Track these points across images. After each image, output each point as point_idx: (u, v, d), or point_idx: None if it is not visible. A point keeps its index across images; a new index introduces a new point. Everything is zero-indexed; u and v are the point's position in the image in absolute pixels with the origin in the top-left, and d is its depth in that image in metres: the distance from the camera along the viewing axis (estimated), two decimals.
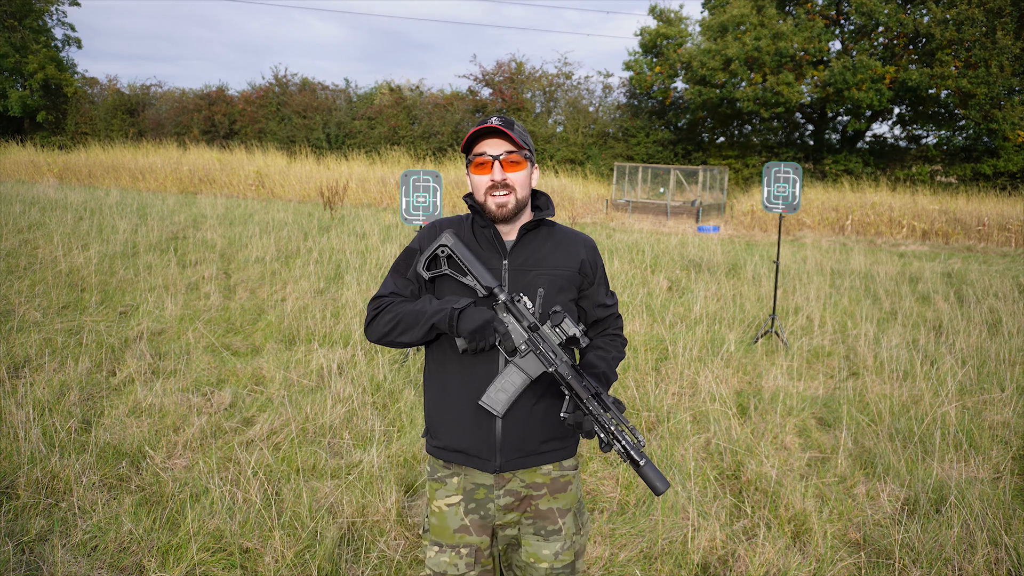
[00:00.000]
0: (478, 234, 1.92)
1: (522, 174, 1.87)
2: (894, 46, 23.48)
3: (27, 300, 6.61)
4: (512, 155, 1.84)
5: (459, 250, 1.81)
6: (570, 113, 28.51)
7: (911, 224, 16.13)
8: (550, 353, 1.74)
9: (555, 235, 1.97)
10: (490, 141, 1.85)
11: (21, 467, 3.50)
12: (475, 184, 1.88)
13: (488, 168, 1.84)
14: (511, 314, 1.77)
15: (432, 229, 1.93)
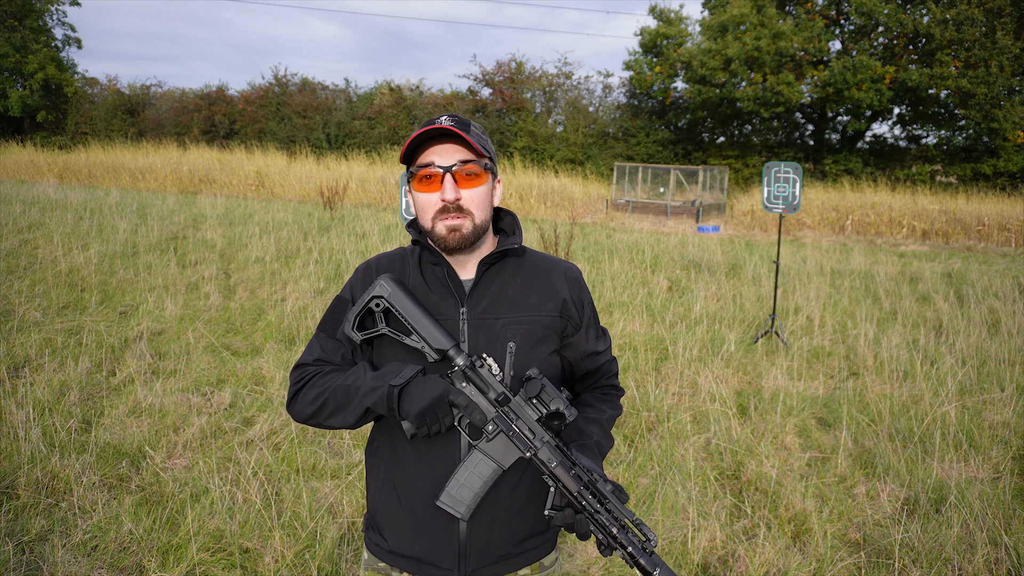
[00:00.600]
0: (426, 273, 1.52)
1: (481, 191, 1.45)
2: (894, 46, 23.48)
3: (27, 300, 6.61)
4: (468, 165, 1.42)
5: (399, 301, 1.43)
6: (570, 113, 28.51)
7: (911, 224, 16.13)
8: (526, 433, 1.37)
9: (526, 267, 1.55)
10: (439, 147, 1.43)
11: (21, 467, 3.50)
12: (420, 205, 1.46)
13: (436, 184, 1.42)
14: (472, 383, 1.38)
15: (367, 272, 1.55)
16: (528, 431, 1.38)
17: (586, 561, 3.06)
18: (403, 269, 1.56)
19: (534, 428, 1.38)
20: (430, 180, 1.44)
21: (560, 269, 1.59)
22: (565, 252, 9.23)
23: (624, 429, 4.44)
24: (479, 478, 1.39)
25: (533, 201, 18.63)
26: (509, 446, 1.39)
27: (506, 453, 1.39)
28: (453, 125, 1.42)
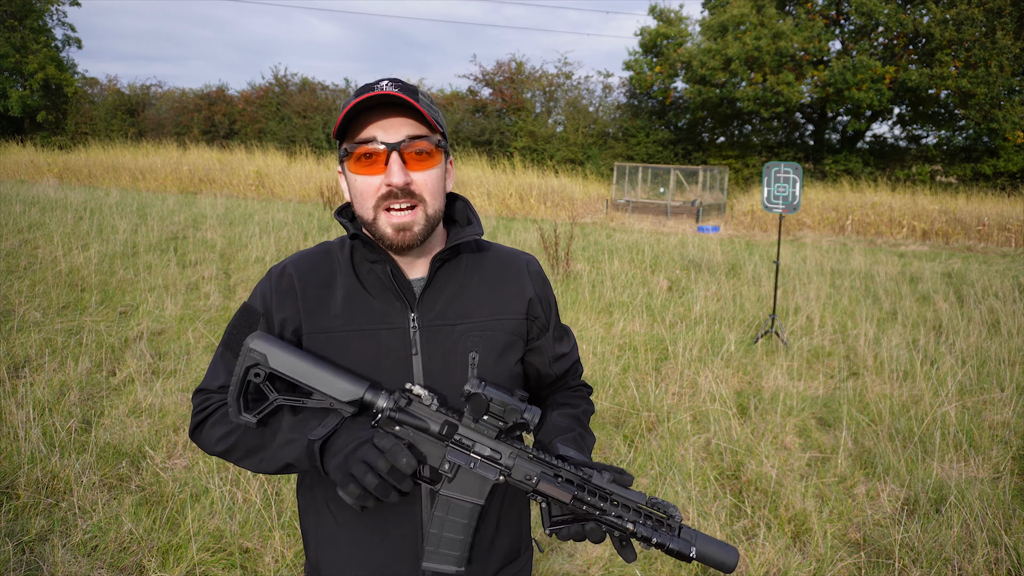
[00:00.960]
0: (363, 273, 1.28)
1: (434, 173, 1.22)
2: (894, 46, 23.49)
3: (27, 300, 6.61)
4: (419, 142, 1.19)
5: (281, 362, 1.16)
6: (570, 113, 28.51)
7: (911, 224, 16.13)
8: (489, 456, 1.17)
9: (484, 262, 1.35)
10: (382, 121, 1.18)
11: (21, 467, 3.50)
12: (357, 190, 1.21)
13: (380, 164, 1.18)
14: (408, 425, 1.14)
15: (281, 279, 1.28)
16: (491, 453, 1.16)
17: (586, 561, 3.06)
18: (330, 271, 1.29)
19: (497, 448, 1.16)
20: (371, 160, 1.18)
21: (522, 263, 1.39)
22: (565, 252, 9.23)
23: (624, 429, 4.44)
24: (460, 523, 1.17)
25: (533, 201, 18.63)
26: (477, 478, 1.17)
27: (477, 486, 1.17)
28: (399, 91, 1.16)
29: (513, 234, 12.72)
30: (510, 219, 16.64)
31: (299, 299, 1.26)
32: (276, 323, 1.26)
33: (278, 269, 1.31)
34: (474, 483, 1.17)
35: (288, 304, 1.27)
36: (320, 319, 1.26)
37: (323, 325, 1.26)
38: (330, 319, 1.26)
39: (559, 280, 8.66)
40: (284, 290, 1.28)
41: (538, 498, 1.17)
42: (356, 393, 1.15)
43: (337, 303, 1.27)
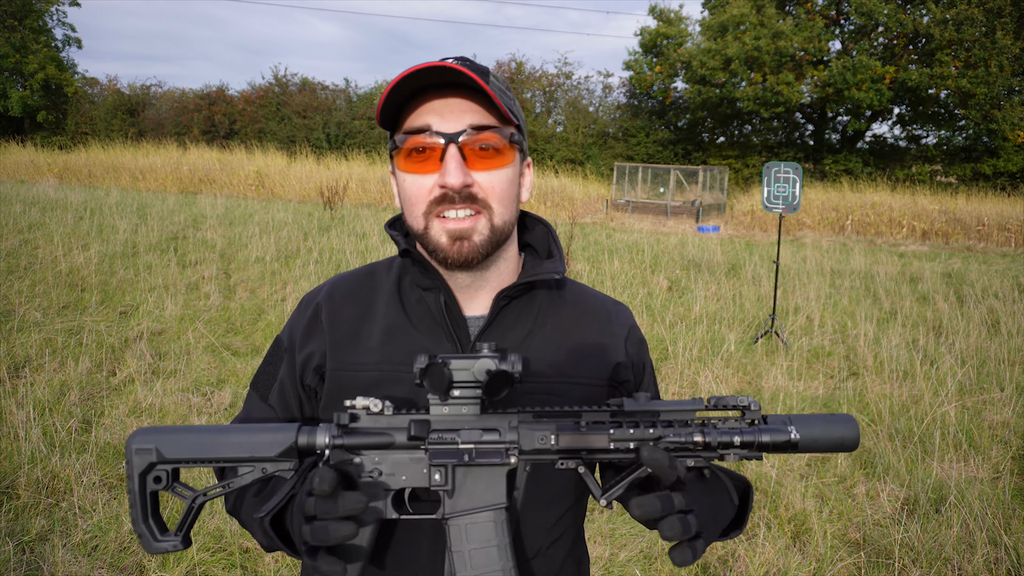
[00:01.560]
0: (409, 302, 1.07)
1: (504, 175, 0.99)
2: (894, 46, 23.50)
3: (27, 300, 6.61)
4: (487, 134, 0.96)
5: (184, 444, 0.93)
6: (570, 113, 28.52)
7: (911, 224, 16.13)
8: (482, 440, 0.89)
9: (563, 308, 1.10)
10: (440, 103, 0.96)
11: (21, 467, 3.50)
12: (407, 193, 1.00)
13: (434, 160, 0.96)
14: (365, 448, 0.90)
15: (315, 314, 1.10)
16: (484, 434, 0.89)
17: None
18: (369, 298, 1.09)
19: (489, 423, 0.89)
20: (423, 155, 0.97)
21: (611, 312, 1.13)
22: (565, 252, 9.23)
23: None
24: (491, 547, 0.90)
25: (533, 201, 18.63)
26: (481, 475, 0.90)
27: (489, 481, 0.90)
28: (463, 66, 0.93)
29: None
30: None
31: (326, 331, 1.07)
32: (300, 359, 1.08)
33: (309, 296, 1.14)
34: (482, 482, 0.90)
35: (314, 337, 1.08)
36: (349, 354, 1.05)
37: (351, 361, 1.04)
38: (361, 355, 1.04)
39: None
40: (311, 320, 1.09)
41: (572, 463, 0.89)
42: (285, 441, 0.90)
43: (374, 337, 1.05)
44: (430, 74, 0.94)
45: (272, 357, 1.13)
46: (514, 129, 1.01)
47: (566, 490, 1.08)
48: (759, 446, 0.88)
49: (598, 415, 0.89)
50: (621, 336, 1.11)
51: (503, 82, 1.03)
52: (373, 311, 1.08)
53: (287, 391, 1.10)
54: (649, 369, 1.16)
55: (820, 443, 0.89)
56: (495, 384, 0.87)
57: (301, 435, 0.90)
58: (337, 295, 1.11)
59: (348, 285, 1.13)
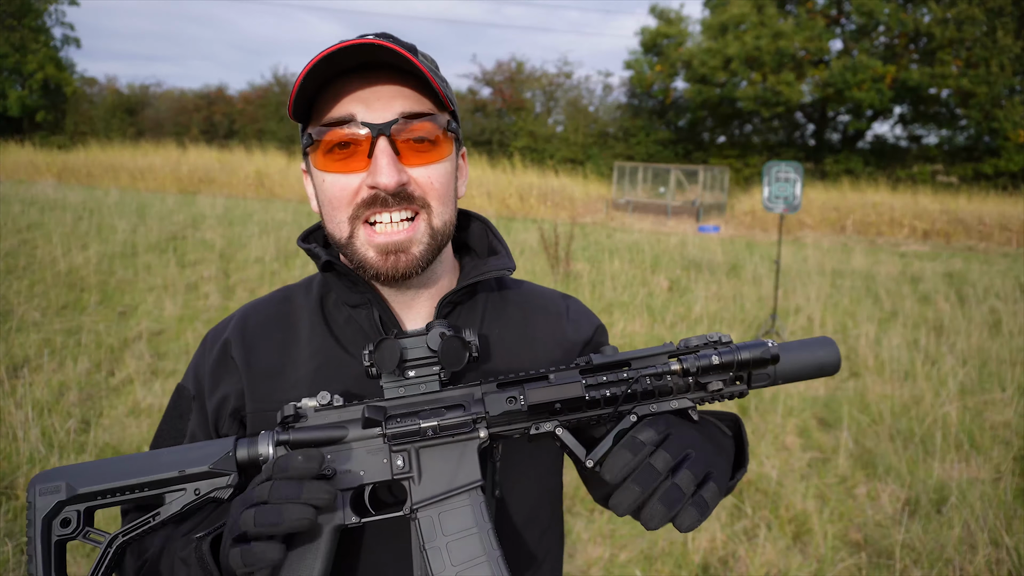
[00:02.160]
0: (337, 323, 0.95)
1: (441, 169, 0.88)
2: (895, 46, 23.50)
3: (26, 300, 6.60)
4: (421, 123, 0.85)
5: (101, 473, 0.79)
6: (570, 113, 28.52)
7: (912, 224, 16.12)
8: (442, 415, 0.80)
9: (508, 308, 1.01)
10: (363, 91, 0.84)
11: (20, 467, 3.50)
12: (327, 197, 0.88)
13: (361, 156, 0.84)
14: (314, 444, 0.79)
15: (224, 350, 0.95)
16: (448, 410, 0.80)
17: (586, 561, 3.05)
18: (289, 325, 0.95)
19: (452, 398, 0.82)
20: (347, 151, 0.83)
21: (560, 305, 1.04)
22: (565, 252, 9.22)
23: None
24: (470, 535, 0.78)
25: (533, 201, 18.62)
26: (447, 455, 0.80)
27: (459, 459, 0.80)
28: (391, 43, 0.80)
29: (513, 234, 12.71)
30: (510, 219, 16.63)
31: (240, 368, 0.92)
32: (212, 405, 0.92)
33: (214, 332, 0.98)
34: (451, 462, 0.80)
35: (225, 377, 0.92)
36: (271, 392, 0.90)
37: (275, 399, 0.89)
38: (288, 389, 0.90)
39: (559, 280, 8.65)
40: (219, 358, 0.93)
41: (548, 426, 0.80)
42: (221, 451, 0.78)
43: (301, 368, 0.91)
44: (349, 55, 0.80)
45: (176, 410, 0.95)
46: (449, 116, 0.90)
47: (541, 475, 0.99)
48: (740, 364, 0.82)
49: (566, 372, 0.82)
50: (575, 329, 1.03)
51: (432, 60, 0.90)
52: (296, 339, 0.94)
53: None
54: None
55: (802, 364, 0.85)
56: (451, 352, 0.79)
57: (240, 445, 0.79)
58: (250, 327, 0.96)
59: (262, 314, 0.98)
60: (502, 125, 27.95)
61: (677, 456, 0.75)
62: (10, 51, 30.29)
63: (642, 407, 0.81)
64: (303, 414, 0.81)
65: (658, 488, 0.73)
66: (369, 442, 0.80)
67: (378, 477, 0.80)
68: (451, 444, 0.80)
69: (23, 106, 31.13)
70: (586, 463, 0.78)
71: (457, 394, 0.82)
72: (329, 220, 0.90)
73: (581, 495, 3.54)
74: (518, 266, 8.83)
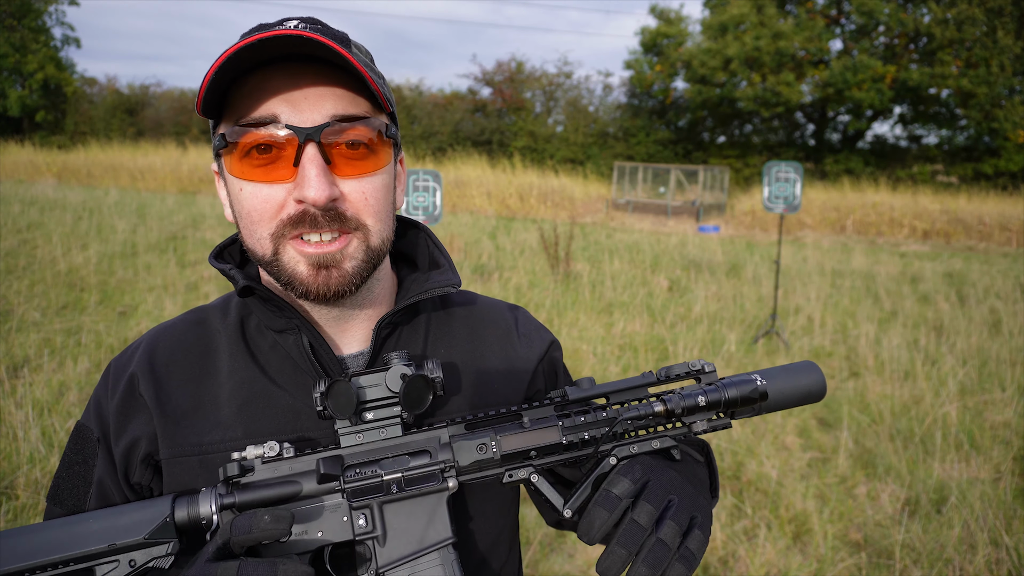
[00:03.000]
0: (263, 352, 0.86)
1: (377, 181, 0.79)
2: (895, 46, 23.50)
3: (26, 300, 6.60)
4: (356, 127, 0.76)
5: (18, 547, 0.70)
6: (570, 113, 28.52)
7: (912, 224, 16.12)
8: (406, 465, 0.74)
9: (453, 326, 0.94)
10: (289, 83, 0.74)
11: (20, 467, 3.49)
12: (245, 209, 0.78)
13: (286, 164, 0.75)
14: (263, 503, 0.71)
15: (129, 386, 0.84)
16: (413, 459, 0.74)
17: (586, 561, 3.05)
18: (204, 354, 0.85)
19: (416, 444, 0.75)
20: (269, 156, 0.74)
21: (510, 320, 0.97)
22: (565, 252, 9.22)
23: None
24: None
25: (533, 201, 18.62)
26: (414, 510, 0.74)
27: (428, 515, 0.74)
28: (318, 33, 0.71)
29: (513, 234, 12.71)
30: (510, 219, 16.63)
31: (150, 407, 0.82)
32: (120, 450, 0.81)
33: (117, 363, 0.86)
34: (418, 518, 0.74)
35: (133, 417, 0.82)
36: (190, 433, 0.81)
37: (194, 441, 0.80)
38: (209, 430, 0.81)
39: (559, 280, 8.65)
40: (125, 396, 0.82)
41: (523, 473, 0.76)
42: (157, 517, 0.70)
43: (222, 404, 0.82)
44: (272, 46, 0.70)
45: (77, 454, 0.83)
46: (386, 118, 0.80)
47: (501, 509, 0.92)
48: (727, 403, 0.79)
49: (540, 410, 0.77)
50: (527, 345, 0.95)
51: (367, 54, 0.80)
52: (214, 371, 0.84)
53: (110, 494, 0.81)
54: (562, 369, 1.01)
55: (786, 394, 0.81)
56: (414, 393, 0.72)
57: (179, 507, 0.71)
58: (159, 358, 0.84)
59: (172, 342, 0.86)
60: (502, 125, 27.95)
61: (660, 506, 0.70)
62: (10, 51, 30.29)
63: (622, 448, 0.77)
64: (248, 467, 0.72)
65: (643, 547, 0.68)
66: (326, 498, 0.72)
67: (338, 537, 0.72)
68: (417, 497, 0.74)
69: (23, 106, 31.14)
70: (564, 513, 0.74)
71: (421, 438, 0.75)
72: (248, 234, 0.78)
73: None
74: (518, 266, 8.72)
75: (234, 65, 0.72)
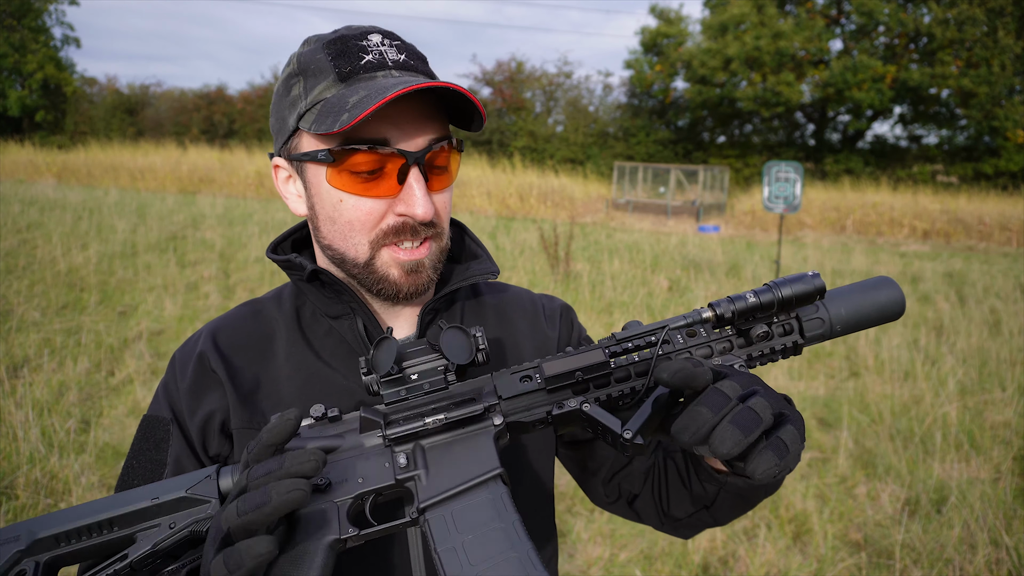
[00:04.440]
0: (318, 337, 0.92)
1: (450, 192, 0.90)
2: (895, 45, 23.51)
3: (26, 300, 6.60)
4: (445, 148, 0.85)
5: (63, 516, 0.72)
6: (570, 113, 28.52)
7: (912, 224, 16.12)
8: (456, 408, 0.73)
9: (485, 312, 1.01)
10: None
11: (20, 467, 3.49)
12: (346, 218, 0.84)
13: (391, 182, 0.82)
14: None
15: (200, 365, 0.90)
16: (455, 404, 0.73)
17: (586, 561, 3.05)
18: (264, 340, 0.91)
19: (460, 393, 0.75)
20: (376, 176, 0.80)
21: (538, 305, 1.05)
22: (565, 252, 9.22)
23: None
24: (491, 526, 0.68)
25: (533, 201, 18.62)
26: (457, 449, 0.72)
27: (475, 450, 0.72)
28: (407, 55, 0.85)
29: (513, 234, 12.71)
30: (510, 219, 16.63)
31: (224, 381, 0.88)
32: (196, 424, 0.86)
33: (183, 351, 0.92)
34: (463, 456, 0.71)
35: (208, 392, 0.88)
36: (256, 408, 0.87)
37: (259, 419, 0.87)
38: (271, 408, 0.87)
39: (559, 280, 8.65)
40: (197, 374, 0.88)
41: (573, 403, 0.72)
42: (202, 474, 0.71)
43: (281, 386, 0.88)
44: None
45: (146, 441, 0.86)
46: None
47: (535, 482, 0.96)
48: (782, 304, 0.70)
49: (587, 348, 0.76)
50: (555, 326, 1.03)
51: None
52: (273, 355, 0.90)
53: (188, 471, 0.84)
54: (578, 324, 1.08)
55: (859, 306, 0.72)
56: (455, 344, 0.73)
57: (223, 472, 0.71)
58: (222, 343, 0.91)
59: (231, 330, 0.92)
60: (502, 125, 27.95)
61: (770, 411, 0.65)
62: (10, 51, 30.29)
63: None
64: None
65: (763, 436, 0.64)
66: (367, 447, 0.73)
67: (379, 482, 0.71)
68: (461, 438, 0.72)
69: (23, 106, 31.14)
70: (623, 435, 0.68)
71: (467, 388, 0.75)
72: (343, 239, 0.85)
73: (581, 495, 3.54)
74: (518, 266, 8.71)
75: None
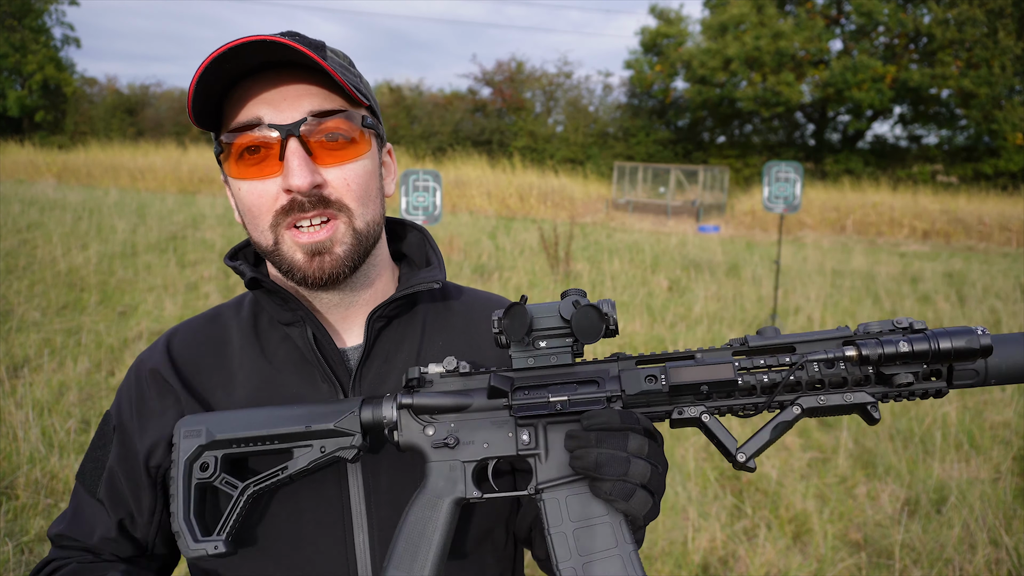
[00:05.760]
0: (272, 345, 0.92)
1: (357, 167, 0.84)
2: (895, 46, 23.51)
3: (26, 300, 6.61)
4: (331, 120, 0.82)
5: (237, 422, 0.83)
6: (570, 113, 28.52)
7: (912, 224, 16.13)
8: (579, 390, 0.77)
9: (451, 318, 0.98)
10: (269, 88, 0.81)
11: (20, 467, 3.50)
12: (247, 204, 0.85)
13: (273, 160, 0.81)
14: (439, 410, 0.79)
15: (153, 379, 0.91)
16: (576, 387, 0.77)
17: None
18: (221, 346, 0.92)
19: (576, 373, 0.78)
20: (258, 155, 0.81)
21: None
22: (565, 252, 9.22)
23: None
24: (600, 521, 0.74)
25: (533, 201, 18.62)
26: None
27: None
28: (295, 41, 0.77)
29: (513, 234, 12.71)
30: (510, 219, 16.63)
31: (178, 391, 0.89)
32: (146, 440, 0.88)
33: (141, 359, 0.94)
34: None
35: (160, 406, 0.89)
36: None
37: None
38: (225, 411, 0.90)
39: (559, 280, 8.65)
40: (152, 386, 0.90)
41: (693, 411, 0.74)
42: (347, 409, 0.80)
43: (236, 391, 0.89)
44: (248, 54, 0.76)
45: (100, 438, 0.92)
46: (366, 111, 0.86)
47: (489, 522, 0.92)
48: (937, 355, 0.67)
49: (716, 352, 0.75)
50: None
51: (344, 58, 0.87)
52: (226, 364, 0.91)
53: (118, 483, 0.89)
54: None
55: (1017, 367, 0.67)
56: (586, 323, 0.74)
57: (364, 406, 0.80)
58: (176, 352, 0.92)
59: (188, 336, 0.94)
60: (502, 125, 27.95)
61: None
62: (10, 51, 30.29)
63: (807, 398, 0.71)
64: (428, 379, 0.80)
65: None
66: (494, 413, 0.77)
67: (502, 451, 0.77)
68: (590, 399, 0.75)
69: (23, 106, 31.14)
70: (736, 457, 0.72)
71: (591, 369, 0.78)
72: (253, 229, 0.86)
73: None
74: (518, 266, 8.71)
75: (219, 77, 0.79)
